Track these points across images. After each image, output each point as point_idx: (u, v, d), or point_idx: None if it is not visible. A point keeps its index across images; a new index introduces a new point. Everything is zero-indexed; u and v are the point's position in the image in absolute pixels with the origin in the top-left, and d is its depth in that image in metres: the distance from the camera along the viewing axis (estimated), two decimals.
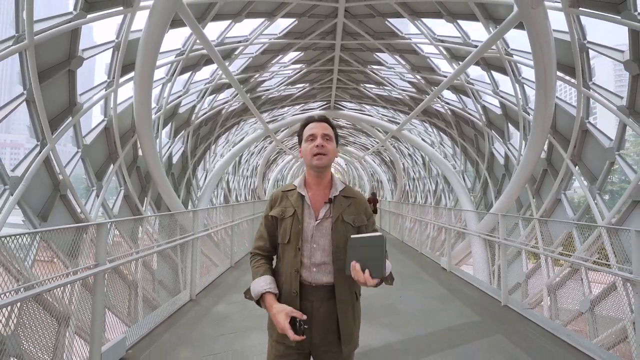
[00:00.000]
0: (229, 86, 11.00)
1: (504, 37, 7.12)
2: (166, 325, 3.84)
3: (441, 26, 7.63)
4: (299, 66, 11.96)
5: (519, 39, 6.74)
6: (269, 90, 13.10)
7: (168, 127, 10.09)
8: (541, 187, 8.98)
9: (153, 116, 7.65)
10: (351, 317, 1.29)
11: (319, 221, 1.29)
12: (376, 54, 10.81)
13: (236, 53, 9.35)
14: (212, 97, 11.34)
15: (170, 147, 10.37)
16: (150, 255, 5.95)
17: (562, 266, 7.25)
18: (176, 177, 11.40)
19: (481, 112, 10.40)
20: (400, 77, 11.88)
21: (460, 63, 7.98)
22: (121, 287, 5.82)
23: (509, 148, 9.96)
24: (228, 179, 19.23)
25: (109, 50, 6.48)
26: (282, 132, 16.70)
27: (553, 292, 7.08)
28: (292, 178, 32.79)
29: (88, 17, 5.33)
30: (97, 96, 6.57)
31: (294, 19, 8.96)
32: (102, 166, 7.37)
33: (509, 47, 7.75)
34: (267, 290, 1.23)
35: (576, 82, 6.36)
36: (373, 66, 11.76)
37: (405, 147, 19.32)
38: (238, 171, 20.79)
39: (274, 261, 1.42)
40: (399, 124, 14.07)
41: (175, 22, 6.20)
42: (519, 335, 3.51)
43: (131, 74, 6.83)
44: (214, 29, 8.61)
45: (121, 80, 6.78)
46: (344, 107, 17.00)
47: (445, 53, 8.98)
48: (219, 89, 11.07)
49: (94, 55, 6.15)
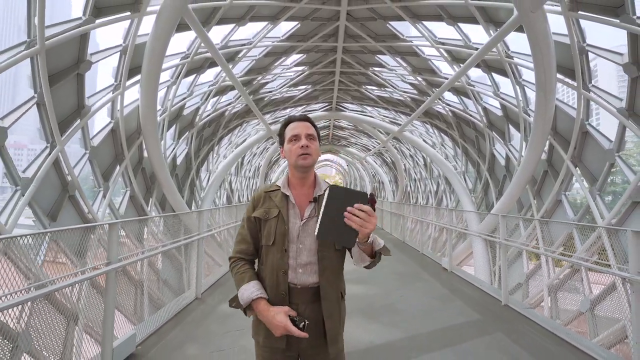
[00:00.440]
0: (232, 88, 11.13)
1: (504, 39, 7.20)
2: (173, 322, 3.93)
3: (442, 29, 7.70)
4: (301, 68, 12.08)
5: (520, 41, 6.83)
6: (271, 92, 13.23)
7: (172, 129, 10.23)
8: (542, 188, 9.04)
9: (158, 118, 7.78)
10: (337, 318, 1.28)
11: (304, 221, 1.26)
12: (378, 56, 10.91)
13: (240, 56, 9.49)
14: (215, 99, 11.47)
15: (174, 148, 10.51)
16: (155, 255, 6.07)
17: (562, 267, 7.30)
18: (180, 178, 11.53)
19: (482, 114, 10.47)
20: (402, 79, 11.98)
21: (461, 65, 8.07)
22: (127, 286, 5.94)
23: (509, 149, 10.03)
24: (231, 179, 19.37)
25: (112, 53, 6.62)
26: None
27: (553, 292, 7.14)
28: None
29: (97, 22, 5.46)
30: (105, 99, 6.71)
31: (296, 22, 9.08)
32: (109, 167, 7.51)
33: (509, 49, 7.83)
34: (259, 296, 1.20)
35: (576, 85, 6.43)
36: (375, 68, 11.86)
37: (407, 148, 19.37)
38: (240, 172, 20.94)
39: (256, 264, 1.37)
40: (400, 125, 14.14)
41: (180, 26, 6.32)
42: (519, 334, 3.55)
43: (137, 77, 6.97)
44: (218, 33, 8.74)
45: (128, 83, 6.92)
46: (345, 108, 17.10)
47: (446, 55, 9.06)
48: (222, 91, 11.20)
49: (102, 59, 6.28)
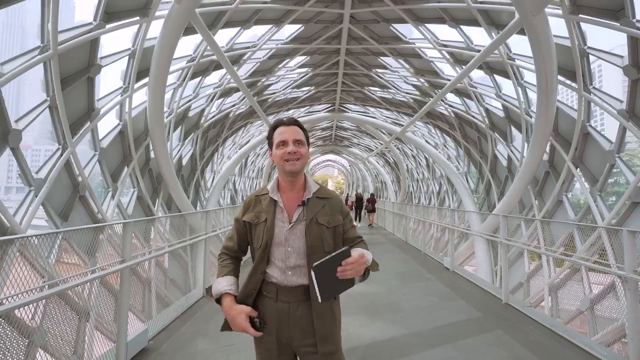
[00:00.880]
0: (237, 90, 11.28)
1: (506, 42, 7.28)
2: (183, 319, 4.05)
3: (444, 31, 7.79)
4: (304, 70, 12.21)
5: (521, 44, 6.90)
6: (275, 93, 13.37)
7: (178, 130, 10.39)
8: (543, 188, 9.10)
9: (165, 120, 7.93)
10: (329, 318, 1.27)
11: (292, 224, 1.28)
12: (381, 58, 11.00)
13: (244, 58, 9.63)
14: (220, 100, 11.63)
15: (180, 149, 10.68)
16: (163, 255, 6.22)
17: (562, 267, 7.37)
18: (185, 179, 11.70)
19: (484, 115, 10.54)
20: (404, 80, 12.06)
21: (464, 67, 8.15)
22: (136, 285, 6.08)
23: (511, 150, 10.09)
24: (235, 180, 19.55)
25: (121, 56, 6.78)
26: None
27: (554, 291, 7.21)
28: None
29: (107, 27, 5.62)
30: (114, 101, 6.87)
31: (300, 25, 9.22)
32: (117, 168, 7.68)
33: (511, 51, 7.91)
34: (226, 291, 1.26)
35: (577, 87, 6.51)
36: (377, 70, 11.96)
37: (409, 149, 19.44)
38: (244, 173, 21.11)
39: (242, 261, 1.44)
40: (402, 126, 14.23)
41: (187, 30, 6.46)
42: (519, 331, 3.61)
43: (145, 80, 7.14)
44: (223, 36, 8.89)
45: (136, 85, 7.08)
46: (348, 109, 17.20)
47: (448, 57, 9.15)
48: (227, 92, 11.36)
49: (111, 63, 6.45)
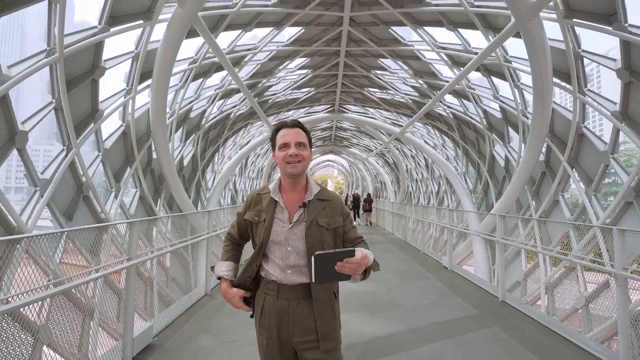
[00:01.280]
0: (237, 91, 11.38)
1: (502, 44, 7.41)
2: (186, 316, 4.15)
3: (442, 34, 7.92)
4: (304, 71, 12.32)
5: (517, 46, 7.02)
6: (275, 94, 13.49)
7: (180, 131, 10.49)
8: (540, 188, 9.22)
9: (167, 121, 8.04)
10: (330, 316, 1.29)
11: (292, 225, 1.31)
12: (380, 59, 11.13)
13: (245, 60, 9.74)
14: (221, 101, 11.74)
15: (181, 150, 10.78)
16: (165, 254, 6.31)
17: (558, 265, 7.48)
18: (186, 179, 11.80)
19: (482, 116, 10.67)
20: (403, 81, 12.19)
21: (461, 69, 8.27)
22: (138, 283, 6.16)
23: (509, 151, 10.21)
24: (235, 180, 19.64)
25: (124, 59, 6.88)
26: None
27: (550, 290, 7.33)
28: None
29: (111, 30, 5.72)
30: (117, 103, 6.97)
31: (301, 28, 9.33)
32: (120, 169, 7.78)
33: (507, 54, 8.04)
34: (224, 275, 1.39)
35: (572, 89, 6.63)
36: (377, 71, 12.08)
37: (408, 149, 19.55)
38: (244, 173, 21.20)
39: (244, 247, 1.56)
40: (402, 126, 14.35)
41: (189, 33, 6.55)
42: (514, 328, 3.73)
43: (148, 82, 7.23)
44: (225, 38, 9.01)
45: (139, 87, 7.18)
46: (348, 110, 17.32)
47: (446, 59, 9.27)
48: (228, 94, 11.47)
49: (115, 65, 6.55)
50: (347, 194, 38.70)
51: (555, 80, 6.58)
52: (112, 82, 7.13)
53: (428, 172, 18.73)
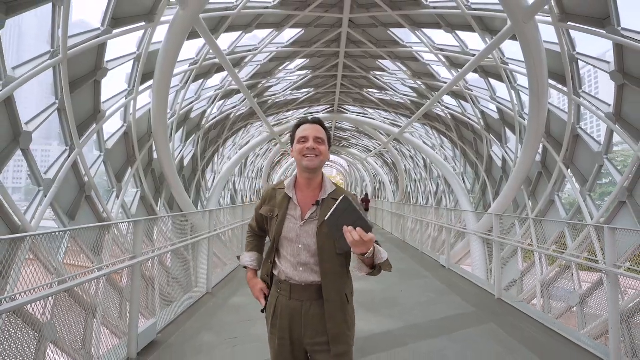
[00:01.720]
0: (237, 92, 11.46)
1: (499, 47, 7.52)
2: (188, 314, 4.20)
3: (440, 36, 8.03)
4: (304, 72, 12.41)
5: (514, 49, 7.13)
6: (275, 95, 13.56)
7: (180, 132, 10.56)
8: (536, 188, 9.35)
9: (168, 122, 8.10)
10: (341, 319, 1.27)
11: (304, 222, 1.30)
12: (379, 61, 11.23)
13: (246, 61, 9.82)
14: (221, 102, 11.82)
15: (182, 150, 10.84)
16: (166, 253, 6.37)
17: (553, 265, 7.60)
18: (187, 179, 11.86)
19: (479, 117, 10.79)
20: (402, 82, 12.30)
21: (459, 70, 8.39)
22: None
23: (506, 151, 10.34)
24: (235, 180, 19.71)
25: (126, 60, 6.94)
26: (286, 134, 17.17)
27: (546, 288, 7.43)
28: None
29: (114, 32, 5.80)
30: (119, 104, 7.04)
31: (300, 29, 9.42)
32: (122, 169, 7.84)
33: (504, 56, 8.15)
34: (249, 265, 1.48)
35: (567, 90, 6.75)
36: (376, 72, 12.18)
37: (407, 150, 19.67)
38: (244, 173, 21.27)
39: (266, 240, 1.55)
40: (400, 127, 14.45)
41: (190, 34, 6.62)
42: (510, 325, 3.81)
43: (149, 83, 7.31)
44: (225, 40, 9.08)
45: (140, 88, 7.24)
46: (347, 110, 17.41)
47: (444, 61, 9.38)
48: (228, 94, 11.54)
49: (117, 67, 6.61)
50: None
51: (551, 82, 6.70)
52: (113, 83, 7.19)
53: (426, 173, 18.84)
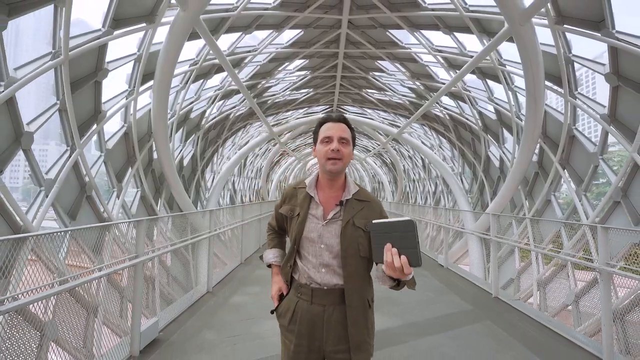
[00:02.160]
0: (237, 92, 11.50)
1: (497, 48, 7.60)
2: (189, 313, 4.24)
3: (439, 37, 8.11)
4: (303, 72, 12.46)
5: (511, 50, 7.22)
6: (274, 95, 13.61)
7: (180, 132, 10.59)
8: (533, 188, 9.44)
9: (168, 122, 8.14)
10: (362, 325, 1.23)
11: (326, 222, 1.26)
12: (378, 61, 11.30)
13: (245, 62, 9.86)
14: (221, 102, 11.85)
15: (181, 150, 10.87)
16: (166, 253, 6.41)
17: (549, 264, 7.68)
18: (186, 179, 11.89)
19: (477, 117, 10.87)
20: (401, 83, 12.38)
21: (457, 71, 8.46)
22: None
23: (503, 151, 10.43)
24: (234, 180, 19.73)
25: (127, 61, 6.98)
26: (285, 134, 17.23)
27: (542, 287, 7.53)
28: (294, 179, 33.20)
29: (115, 33, 5.83)
30: (119, 104, 7.07)
31: (300, 30, 9.47)
32: (122, 169, 7.87)
33: (502, 57, 8.24)
34: (273, 262, 1.46)
35: (563, 92, 6.83)
36: (374, 73, 12.25)
37: (406, 150, 19.76)
38: (243, 173, 21.30)
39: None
40: (399, 127, 14.53)
41: (190, 35, 6.65)
42: (506, 322, 3.89)
43: (149, 83, 7.34)
44: (225, 40, 9.13)
45: (141, 89, 7.28)
46: (346, 110, 17.47)
47: (442, 62, 9.46)
48: (227, 95, 11.58)
49: (118, 67, 6.65)
50: None
51: (548, 83, 6.78)
52: (114, 84, 7.22)
53: (425, 172, 18.93)
